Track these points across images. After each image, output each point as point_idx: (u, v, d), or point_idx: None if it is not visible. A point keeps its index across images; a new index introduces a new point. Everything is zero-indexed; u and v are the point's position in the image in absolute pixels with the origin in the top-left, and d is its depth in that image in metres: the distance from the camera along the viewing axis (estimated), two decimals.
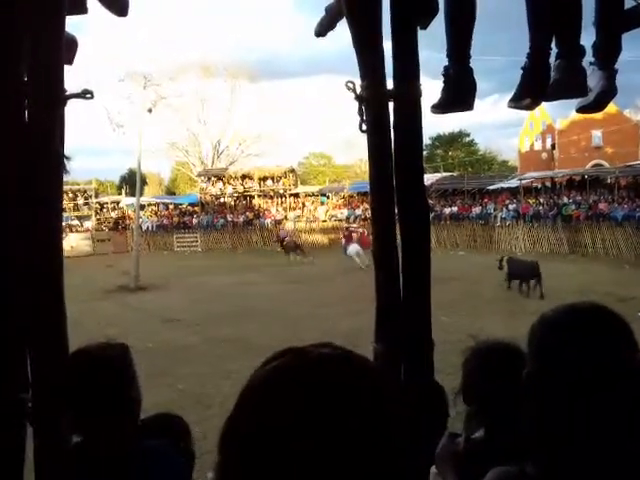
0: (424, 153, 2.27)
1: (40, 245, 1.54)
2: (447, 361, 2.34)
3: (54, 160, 1.53)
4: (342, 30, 2.58)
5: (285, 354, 0.59)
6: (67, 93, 1.61)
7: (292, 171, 36.20)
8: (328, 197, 34.89)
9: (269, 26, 69.04)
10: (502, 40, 38.99)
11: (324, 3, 2.39)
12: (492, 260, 14.93)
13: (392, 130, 1.95)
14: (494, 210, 26.83)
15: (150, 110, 22.35)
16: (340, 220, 31.44)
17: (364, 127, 1.94)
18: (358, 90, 1.95)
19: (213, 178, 36.23)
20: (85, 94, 1.66)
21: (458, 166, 43.91)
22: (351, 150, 50.86)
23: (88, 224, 34.83)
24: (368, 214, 30.83)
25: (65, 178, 1.62)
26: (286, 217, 32.93)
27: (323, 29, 2.64)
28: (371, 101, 1.92)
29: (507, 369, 1.41)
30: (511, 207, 26.27)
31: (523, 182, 28.27)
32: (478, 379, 1.53)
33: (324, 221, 31.94)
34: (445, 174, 33.36)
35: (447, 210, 28.43)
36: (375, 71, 1.96)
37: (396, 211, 1.95)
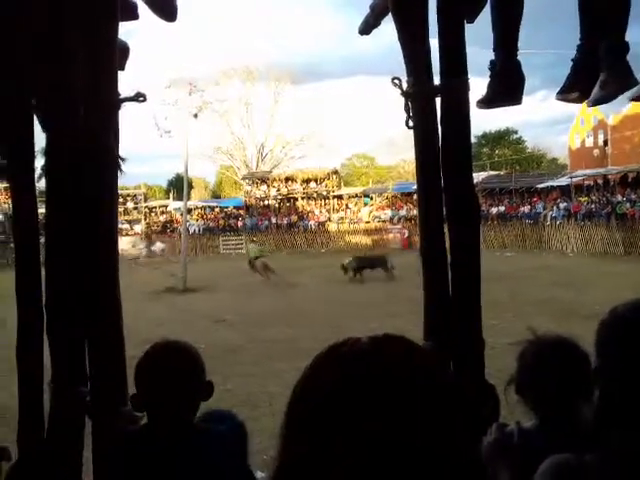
0: None
1: (97, 246, 1.59)
2: (493, 365, 2.28)
3: (110, 161, 1.59)
4: (385, 29, 2.59)
5: (352, 340, 0.61)
6: (121, 97, 1.66)
7: (335, 173, 36.22)
8: (371, 198, 34.72)
9: (310, 28, 69.40)
10: (551, 34, 37.91)
11: (364, 3, 2.39)
12: (542, 261, 14.54)
13: (439, 126, 1.92)
14: (544, 209, 26.08)
15: (196, 115, 22.83)
16: (384, 221, 31.28)
17: (410, 123, 1.93)
18: (404, 86, 1.93)
19: (257, 181, 36.66)
20: (138, 97, 1.71)
21: (505, 164, 42.90)
22: (394, 151, 50.49)
23: (138, 228, 35.84)
24: (412, 214, 30.62)
25: (120, 178, 1.68)
26: (329, 219, 32.99)
27: (368, 27, 2.63)
28: (418, 97, 1.90)
29: (563, 362, 1.45)
30: (562, 206, 25.47)
31: (574, 180, 27.35)
32: (534, 371, 1.52)
33: (367, 222, 31.82)
34: (492, 173, 32.66)
35: (494, 210, 27.83)
36: (422, 67, 1.94)
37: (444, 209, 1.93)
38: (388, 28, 2.58)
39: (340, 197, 34.93)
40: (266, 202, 35.62)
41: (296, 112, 43.14)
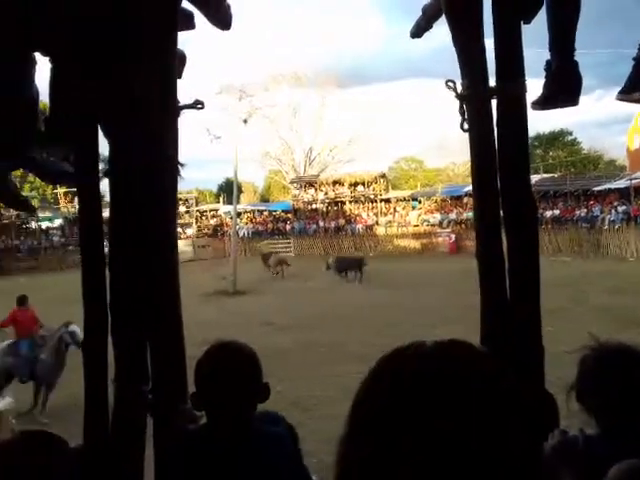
0: None
1: (159, 249, 1.65)
2: (552, 373, 2.22)
3: (170, 167, 1.64)
4: (434, 31, 2.57)
5: (418, 343, 0.62)
6: (180, 104, 1.72)
7: (383, 176, 36.04)
8: (420, 202, 34.31)
9: (357, 32, 69.45)
10: (608, 32, 36.50)
11: (412, 6, 2.37)
12: (600, 266, 14.01)
13: (495, 129, 1.89)
14: (601, 212, 25.10)
15: (245, 121, 23.23)
16: (432, 225, 30.86)
17: (465, 126, 1.90)
18: (459, 89, 1.91)
19: (305, 185, 36.91)
20: (196, 105, 1.76)
21: (559, 166, 41.53)
22: (443, 153, 49.79)
23: (189, 231, 36.71)
24: (462, 218, 30.08)
25: (179, 183, 1.73)
26: (377, 222, 32.83)
27: (420, 30, 2.62)
28: (473, 100, 1.88)
29: (626, 369, 1.42)
30: (620, 209, 24.43)
31: (634, 182, 26.17)
32: (596, 377, 1.49)
33: (416, 226, 31.48)
34: (545, 175, 31.67)
35: (548, 213, 27.00)
36: (476, 69, 1.91)
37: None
38: (437, 30, 2.57)
39: (388, 200, 34.69)
40: (314, 206, 35.80)
41: (344, 116, 43.24)
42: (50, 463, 1.84)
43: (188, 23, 2.02)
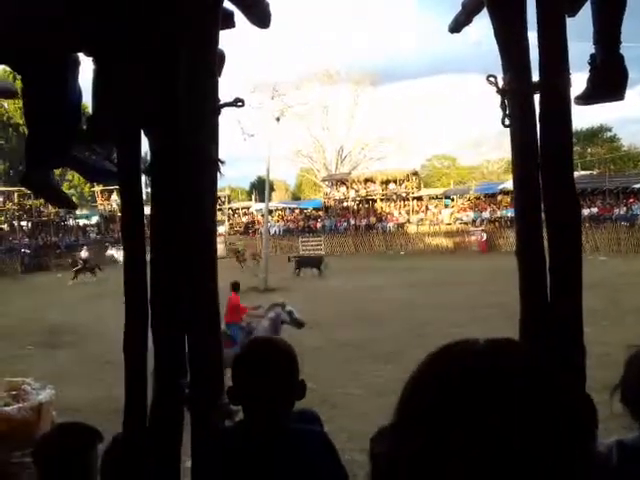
0: None
1: (198, 245, 1.67)
2: (591, 376, 2.16)
3: (210, 164, 1.66)
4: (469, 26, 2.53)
5: (471, 340, 0.63)
6: (220, 102, 1.73)
7: (415, 174, 35.73)
8: (452, 200, 33.91)
9: (389, 28, 68.96)
10: None
11: (446, 1, 2.34)
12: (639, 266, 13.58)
13: (538, 124, 1.85)
14: None
15: (278, 119, 23.34)
16: (465, 223, 30.45)
17: (507, 122, 1.86)
18: (500, 83, 1.88)
19: (337, 183, 36.90)
20: (237, 102, 1.77)
21: (598, 164, 40.46)
22: (477, 151, 49.09)
23: (221, 229, 37.14)
24: (495, 216, 29.60)
25: (219, 180, 1.74)
26: (409, 220, 32.59)
27: (459, 25, 2.58)
28: (515, 95, 1.84)
29: None
30: None
31: None
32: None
33: (448, 224, 31.12)
34: (583, 172, 30.86)
35: (585, 211, 26.34)
36: (519, 63, 1.87)
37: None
38: (474, 26, 2.53)
39: (420, 198, 34.40)
40: (345, 204, 35.76)
41: (376, 113, 43.05)
42: (86, 454, 1.90)
43: (228, 22, 2.04)
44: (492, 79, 1.90)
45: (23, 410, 2.41)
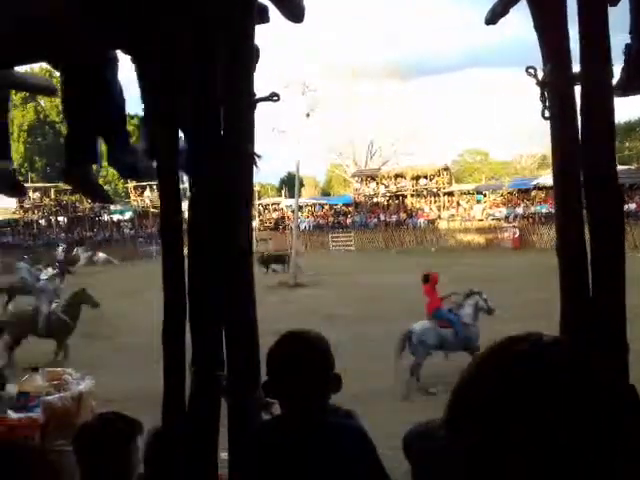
0: None
1: (235, 238, 1.69)
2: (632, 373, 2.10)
3: (247, 159, 1.68)
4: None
5: (534, 335, 0.62)
6: (256, 97, 1.75)
7: (446, 169, 35.29)
8: (485, 195, 33.41)
9: (420, 22, 68.15)
10: None
11: None
12: None
13: (579, 116, 1.81)
14: None
15: (308, 115, 23.38)
16: (498, 219, 29.97)
17: (547, 114, 1.83)
18: (540, 75, 1.84)
19: (366, 178, 36.75)
20: (272, 97, 1.78)
21: (636, 158, 39.28)
22: (509, 145, 48.21)
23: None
24: (529, 212, 29.05)
25: (255, 174, 1.76)
26: (440, 216, 32.26)
27: (495, 16, 2.54)
28: (556, 86, 1.80)
29: None
30: None
31: None
32: None
33: (480, 220, 30.68)
34: (621, 167, 30.05)
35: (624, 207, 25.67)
36: (560, 54, 1.83)
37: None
38: (509, 17, 2.48)
39: (451, 194, 33.97)
40: (375, 199, 35.59)
41: (406, 108, 42.67)
42: (126, 445, 1.94)
43: (263, 16, 2.04)
44: (531, 71, 1.86)
45: (64, 399, 2.48)
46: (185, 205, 1.83)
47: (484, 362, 0.62)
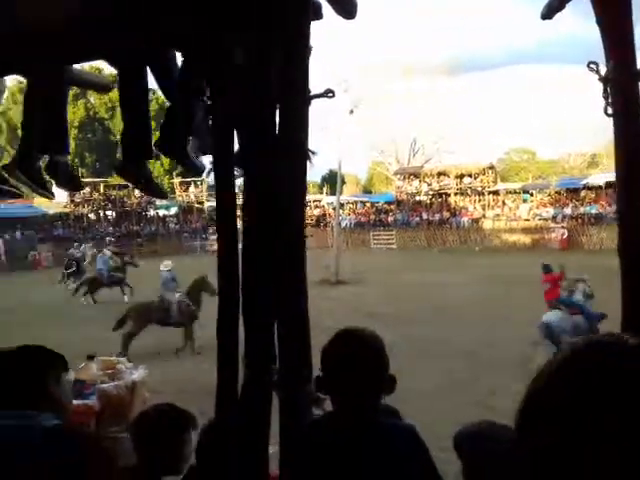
0: None
1: (288, 234, 1.71)
2: None
3: (301, 155, 1.69)
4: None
5: (618, 335, 0.61)
6: (311, 93, 1.75)
7: (491, 168, 34.58)
8: (531, 195, 32.58)
9: (465, 18, 66.90)
10: None
11: None
12: None
13: None
14: None
15: (351, 111, 23.30)
16: (545, 219, 29.18)
17: (609, 111, 1.77)
18: (603, 71, 1.78)
19: (409, 176, 36.41)
20: (327, 93, 1.79)
21: None
22: (557, 144, 46.84)
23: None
24: (578, 213, 28.14)
25: (309, 170, 1.76)
26: (484, 216, 31.67)
27: (552, 10, 2.47)
28: (620, 82, 1.74)
29: None
30: None
31: None
32: None
33: (526, 220, 29.95)
34: None
35: None
36: (624, 49, 1.77)
37: None
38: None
39: (496, 193, 33.25)
40: (417, 198, 35.21)
41: (451, 105, 42.02)
42: (179, 437, 2.00)
43: (316, 13, 2.05)
44: (593, 66, 1.81)
45: (119, 388, 2.56)
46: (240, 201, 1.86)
47: (564, 362, 0.61)
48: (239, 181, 1.86)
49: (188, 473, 2.00)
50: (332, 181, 38.43)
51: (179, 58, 2.37)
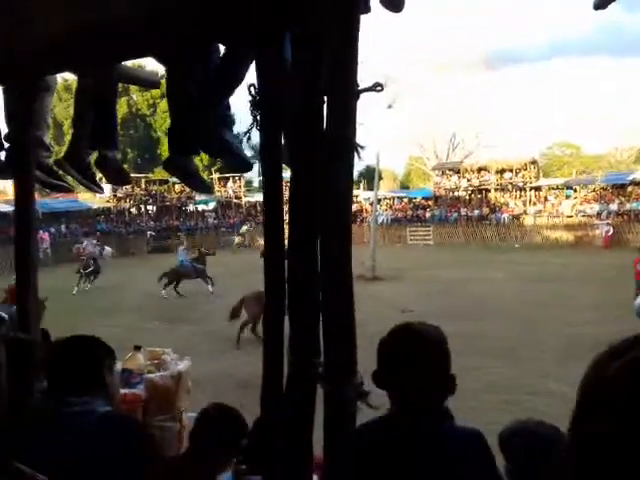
0: None
1: (334, 229, 1.70)
2: None
3: (349, 150, 1.68)
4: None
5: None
6: (360, 87, 1.74)
7: (533, 162, 33.75)
8: (575, 190, 31.69)
9: (504, 11, 65.37)
10: None
11: None
12: None
13: None
14: None
15: (390, 106, 23.13)
16: (590, 216, 28.35)
17: None
18: None
19: (448, 172, 35.91)
20: (376, 87, 1.77)
21: None
22: (603, 138, 45.35)
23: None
24: (624, 209, 27.22)
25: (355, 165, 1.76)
26: (525, 212, 30.98)
27: (605, 1, 2.40)
28: None
29: None
30: None
31: None
32: None
33: (570, 216, 29.16)
34: None
35: None
36: None
37: None
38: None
39: (538, 189, 32.47)
40: (456, 193, 34.70)
41: (491, 98, 41.25)
42: (234, 439, 2.06)
43: (365, 7, 2.03)
44: None
45: (165, 378, 2.61)
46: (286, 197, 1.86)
47: (625, 358, 0.59)
48: (286, 177, 1.87)
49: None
50: (369, 176, 38.18)
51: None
